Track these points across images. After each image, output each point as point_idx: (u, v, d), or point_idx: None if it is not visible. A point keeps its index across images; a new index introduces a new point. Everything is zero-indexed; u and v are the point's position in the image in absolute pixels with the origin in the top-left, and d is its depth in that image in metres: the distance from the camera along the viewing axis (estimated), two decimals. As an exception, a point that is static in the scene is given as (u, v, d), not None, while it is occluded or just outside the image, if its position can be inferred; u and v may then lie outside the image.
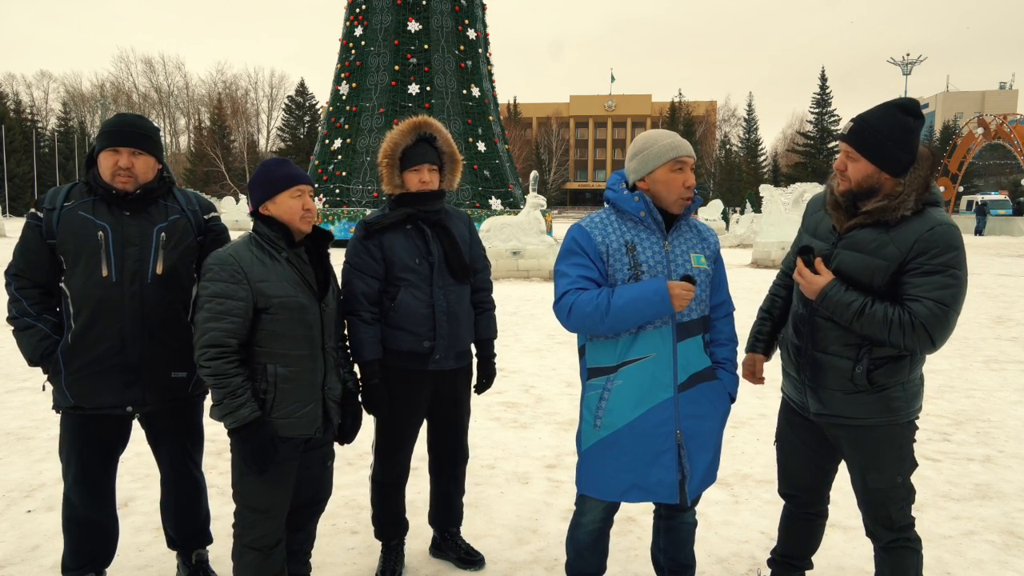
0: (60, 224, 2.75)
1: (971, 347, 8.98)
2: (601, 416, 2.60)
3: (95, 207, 2.77)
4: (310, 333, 2.65)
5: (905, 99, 2.49)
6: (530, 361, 7.98)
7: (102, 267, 2.73)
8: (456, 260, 3.17)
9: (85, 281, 2.74)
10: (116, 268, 2.75)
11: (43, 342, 2.80)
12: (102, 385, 2.78)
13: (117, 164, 2.75)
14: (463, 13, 28.12)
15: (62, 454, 2.92)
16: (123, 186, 2.76)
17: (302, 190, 2.66)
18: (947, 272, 2.37)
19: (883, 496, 2.60)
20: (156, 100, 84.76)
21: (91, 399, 2.80)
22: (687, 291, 2.47)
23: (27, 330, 2.80)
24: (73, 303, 2.77)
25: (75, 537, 2.95)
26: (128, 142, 2.75)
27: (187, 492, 3.15)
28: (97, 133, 2.84)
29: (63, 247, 2.75)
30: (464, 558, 3.44)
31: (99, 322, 2.75)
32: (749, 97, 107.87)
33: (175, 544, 3.24)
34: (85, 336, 2.75)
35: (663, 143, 2.60)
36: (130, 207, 2.79)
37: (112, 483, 3.02)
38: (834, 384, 2.57)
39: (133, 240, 2.78)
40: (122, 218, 2.78)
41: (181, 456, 3.10)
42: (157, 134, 2.90)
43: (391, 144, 3.19)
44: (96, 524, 2.97)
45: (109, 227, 2.75)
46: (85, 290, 2.74)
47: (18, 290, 2.81)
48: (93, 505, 2.94)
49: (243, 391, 2.52)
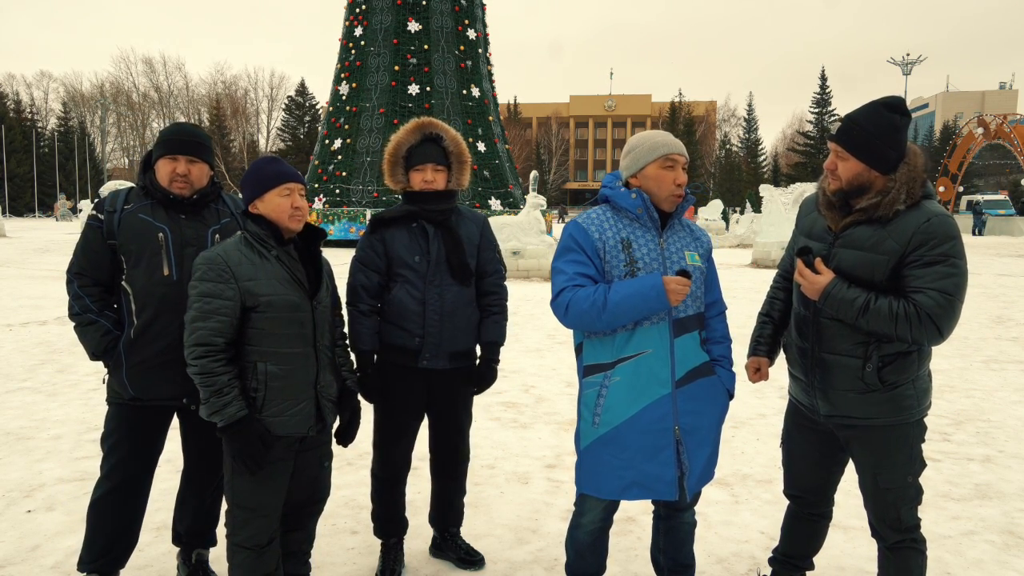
0: (121, 226, 2.90)
1: (971, 347, 8.98)
2: (599, 413, 2.61)
3: (153, 210, 2.92)
4: (302, 331, 2.65)
5: (891, 97, 2.51)
6: (530, 361, 7.99)
7: (163, 267, 2.88)
8: (457, 261, 3.17)
9: (147, 280, 2.88)
10: (176, 267, 2.89)
11: (105, 337, 2.92)
12: (162, 378, 2.90)
13: (175, 171, 2.90)
14: (463, 13, 28.13)
15: (104, 443, 2.99)
16: (180, 191, 2.91)
17: (291, 188, 2.65)
18: (948, 261, 2.38)
19: (893, 496, 2.59)
20: (156, 100, 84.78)
21: (151, 391, 2.92)
22: (683, 285, 2.48)
23: (90, 325, 2.93)
24: (135, 300, 2.89)
25: (98, 529, 2.98)
26: (186, 151, 2.91)
27: (207, 491, 3.21)
28: (156, 141, 3.02)
29: (124, 247, 2.89)
30: (464, 558, 3.44)
31: (161, 318, 2.87)
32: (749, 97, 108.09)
33: (180, 540, 3.27)
34: (147, 331, 2.88)
35: (654, 141, 2.65)
36: (186, 211, 2.94)
37: (148, 484, 3.07)
38: (845, 384, 2.56)
39: (191, 241, 2.92)
40: (179, 221, 2.93)
41: (215, 451, 3.13)
42: (211, 143, 3.08)
43: (396, 143, 3.23)
44: (123, 519, 3.00)
45: (168, 229, 2.90)
46: (147, 288, 2.88)
47: (80, 288, 2.93)
48: (127, 497, 2.99)
49: (230, 389, 2.53)
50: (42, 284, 14.62)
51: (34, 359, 7.79)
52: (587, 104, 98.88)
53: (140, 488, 3.04)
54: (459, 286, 3.20)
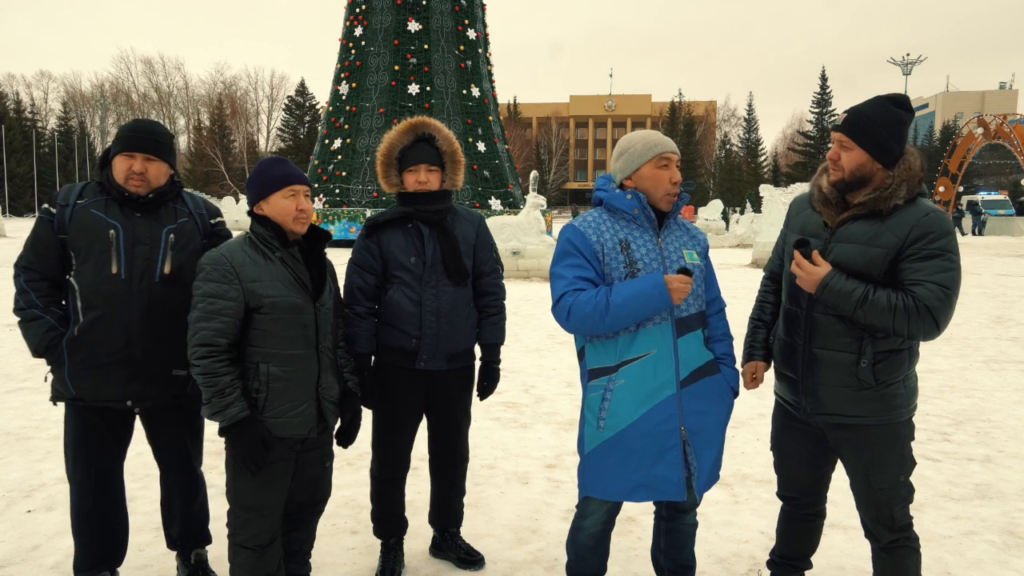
0: (72, 220, 2.82)
1: (971, 347, 8.98)
2: (604, 417, 2.59)
3: (107, 206, 2.85)
4: (304, 333, 2.65)
5: (896, 94, 2.55)
6: (530, 361, 7.99)
7: (112, 264, 2.80)
8: (453, 262, 3.17)
9: (95, 277, 2.80)
10: (126, 266, 2.82)
11: (49, 333, 2.85)
12: (105, 378, 2.83)
13: (131, 168, 2.83)
14: (463, 13, 28.12)
15: (67, 448, 2.95)
16: (136, 189, 2.84)
17: (296, 190, 2.65)
18: (945, 256, 2.40)
19: (886, 496, 2.60)
20: (156, 100, 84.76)
21: (93, 391, 2.85)
22: (684, 283, 2.48)
23: (34, 321, 2.86)
24: (82, 298, 2.82)
25: (85, 535, 2.96)
26: (143, 148, 2.84)
27: (187, 491, 3.17)
28: (114, 136, 2.95)
29: (74, 243, 2.82)
30: (464, 558, 3.44)
31: (106, 317, 2.81)
32: (749, 97, 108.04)
33: (175, 544, 3.26)
34: (92, 330, 2.81)
35: (647, 140, 2.64)
36: (141, 209, 2.87)
37: (120, 479, 3.04)
38: (836, 381, 2.56)
39: (143, 240, 2.85)
40: (133, 218, 2.85)
41: (180, 454, 3.13)
42: (171, 140, 2.97)
43: (388, 144, 3.22)
44: (105, 521, 2.98)
45: (120, 226, 2.83)
46: (94, 286, 2.80)
47: (27, 282, 2.87)
48: (102, 500, 2.96)
49: (232, 390, 2.52)
50: (42, 284, 14.58)
51: (34, 359, 7.77)
52: (587, 104, 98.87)
53: (112, 487, 2.99)
54: (455, 287, 3.19)
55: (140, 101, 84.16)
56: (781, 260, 2.87)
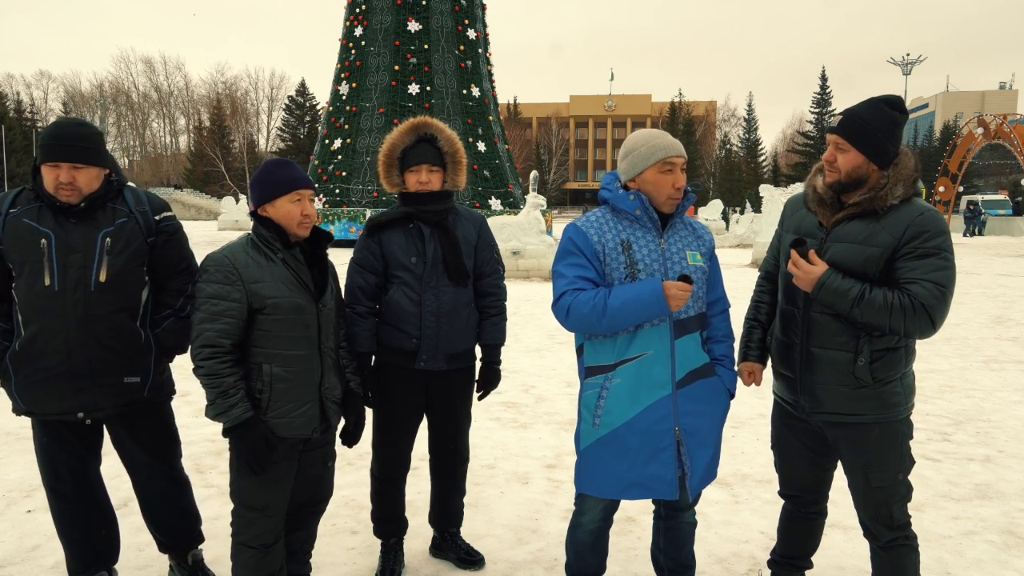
0: (6, 231, 2.71)
1: (971, 347, 8.98)
2: (600, 415, 2.61)
3: (40, 214, 2.71)
4: (307, 333, 2.65)
5: (890, 95, 2.58)
6: (530, 361, 7.99)
7: (44, 276, 2.68)
8: (453, 262, 3.17)
9: (29, 290, 2.70)
10: (59, 277, 2.69)
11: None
12: (50, 392, 2.75)
13: (58, 179, 2.67)
14: (463, 13, 28.12)
15: (38, 457, 2.91)
16: (67, 199, 2.70)
17: (302, 195, 2.65)
18: (940, 255, 2.43)
19: (885, 494, 2.60)
20: (156, 100, 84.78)
21: (40, 405, 2.78)
22: (683, 291, 2.47)
23: None
24: (21, 311, 2.74)
25: (71, 541, 2.93)
26: (67, 157, 2.66)
27: (157, 495, 3.09)
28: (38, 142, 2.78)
29: (9, 255, 2.71)
30: (464, 558, 3.44)
31: (44, 331, 2.71)
32: (749, 97, 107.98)
33: (166, 547, 3.20)
34: (32, 344, 2.72)
35: (652, 144, 2.62)
36: (76, 215, 2.74)
37: (96, 480, 2.99)
38: (834, 380, 2.57)
39: (76, 247, 2.71)
40: (67, 225, 2.72)
41: (145, 460, 3.04)
42: (99, 142, 2.78)
43: (390, 145, 3.22)
44: (89, 524, 2.95)
45: (53, 234, 2.69)
46: (29, 299, 2.71)
47: None
48: (80, 505, 2.91)
49: (235, 391, 2.52)
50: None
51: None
52: (587, 104, 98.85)
53: (90, 489, 2.94)
54: (456, 287, 3.19)
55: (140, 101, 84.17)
56: (777, 260, 2.88)
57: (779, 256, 2.82)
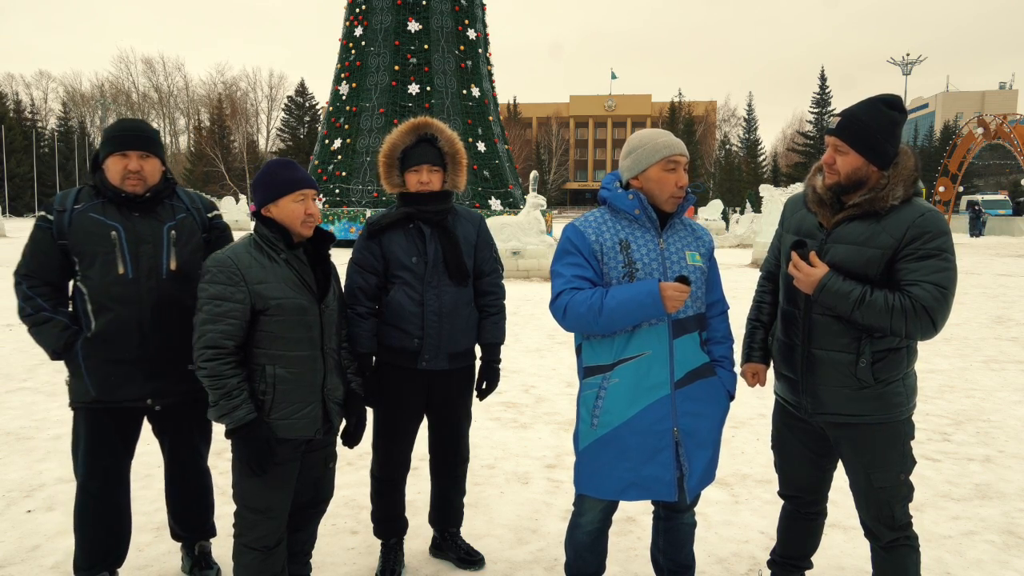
0: (72, 226, 2.83)
1: (971, 347, 8.98)
2: (598, 415, 2.60)
3: (105, 208, 2.85)
4: (310, 334, 2.65)
5: (888, 95, 2.55)
6: (530, 361, 7.99)
7: (118, 265, 2.82)
8: (454, 262, 3.17)
9: (103, 279, 2.82)
10: (132, 266, 2.84)
11: (65, 332, 2.86)
12: (124, 378, 2.85)
13: (127, 168, 2.82)
14: (463, 13, 28.14)
15: (75, 450, 2.96)
16: (133, 189, 2.85)
17: (305, 194, 2.66)
18: (941, 256, 2.42)
19: (887, 495, 2.60)
20: (156, 100, 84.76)
21: (113, 392, 2.87)
22: (680, 292, 2.46)
23: (46, 323, 2.86)
24: (91, 300, 2.84)
25: (85, 536, 2.97)
26: (137, 145, 2.84)
27: (192, 485, 3.21)
28: (101, 139, 2.94)
29: (76, 248, 2.83)
30: (464, 558, 3.44)
31: (119, 318, 2.83)
32: (749, 97, 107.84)
33: (179, 536, 3.28)
34: (106, 331, 2.82)
35: (656, 142, 2.62)
36: (139, 208, 2.88)
37: (126, 481, 3.05)
38: (836, 381, 2.57)
39: (146, 238, 2.87)
40: (132, 218, 2.87)
41: (188, 449, 3.16)
42: (160, 137, 2.99)
43: (390, 145, 3.23)
44: (107, 523, 2.99)
45: (121, 227, 2.84)
46: (103, 287, 2.82)
47: (30, 288, 2.88)
48: (106, 503, 2.96)
49: (239, 392, 2.52)
50: (42, 284, 14.58)
51: (34, 359, 7.78)
52: (587, 104, 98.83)
53: (119, 490, 3.00)
54: (456, 287, 3.19)
55: (140, 101, 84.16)
56: (777, 259, 2.88)
57: (780, 256, 2.82)
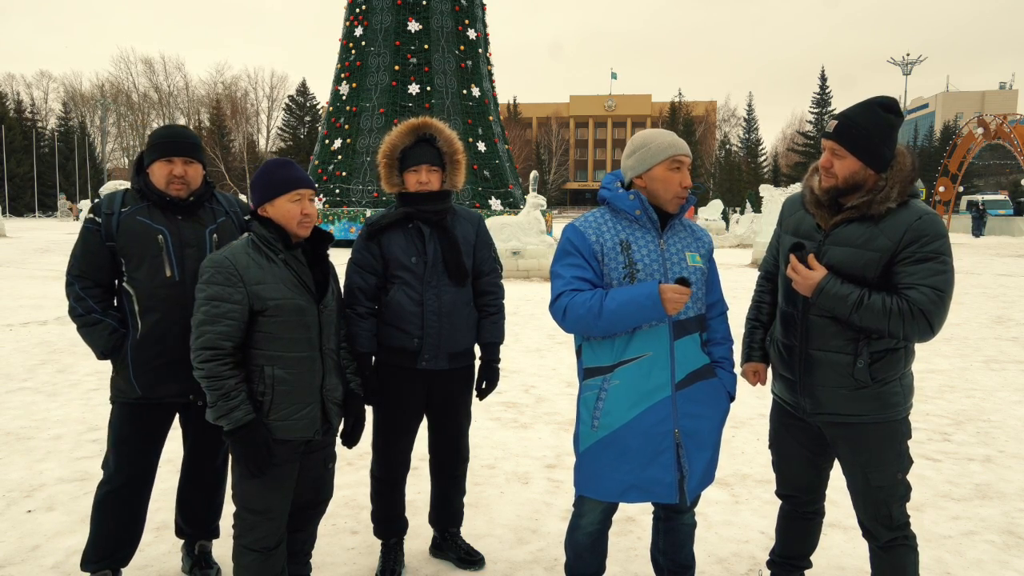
0: (120, 228, 2.93)
1: (971, 347, 8.98)
2: (599, 416, 2.59)
3: (150, 212, 2.95)
4: (308, 335, 2.65)
5: (885, 97, 2.54)
6: (530, 361, 7.99)
7: (165, 268, 2.92)
8: (453, 262, 3.17)
9: (150, 281, 2.92)
10: (178, 268, 2.93)
11: (113, 335, 2.96)
12: (168, 376, 2.94)
13: (172, 173, 2.93)
14: (463, 13, 28.14)
15: (110, 445, 3.01)
16: (177, 193, 2.95)
17: (302, 194, 2.65)
18: (938, 259, 2.42)
19: (885, 494, 2.60)
20: (156, 100, 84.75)
21: (158, 390, 2.96)
22: (680, 294, 2.45)
23: (96, 325, 2.96)
24: (139, 301, 2.93)
25: (100, 530, 3.00)
26: (181, 152, 2.95)
27: (207, 482, 3.25)
28: (147, 144, 3.06)
29: (124, 250, 2.93)
30: (464, 558, 3.44)
31: (165, 319, 2.91)
32: (749, 97, 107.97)
33: (183, 533, 3.30)
34: (153, 332, 2.92)
35: (662, 141, 2.61)
36: (182, 212, 2.98)
37: (150, 483, 3.08)
38: (834, 382, 2.57)
39: (190, 242, 2.97)
40: (176, 222, 2.97)
41: (213, 447, 3.19)
42: (202, 143, 3.11)
43: (390, 145, 3.23)
44: (123, 521, 3.02)
45: (167, 230, 2.94)
46: (151, 289, 2.92)
47: (83, 289, 2.97)
48: (127, 502, 3.00)
49: (237, 393, 2.52)
50: (42, 284, 14.61)
51: (34, 359, 7.79)
52: (587, 104, 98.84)
53: (144, 486, 3.06)
54: (456, 286, 3.19)
55: (140, 101, 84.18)
56: (776, 259, 2.88)
57: (778, 256, 2.82)
